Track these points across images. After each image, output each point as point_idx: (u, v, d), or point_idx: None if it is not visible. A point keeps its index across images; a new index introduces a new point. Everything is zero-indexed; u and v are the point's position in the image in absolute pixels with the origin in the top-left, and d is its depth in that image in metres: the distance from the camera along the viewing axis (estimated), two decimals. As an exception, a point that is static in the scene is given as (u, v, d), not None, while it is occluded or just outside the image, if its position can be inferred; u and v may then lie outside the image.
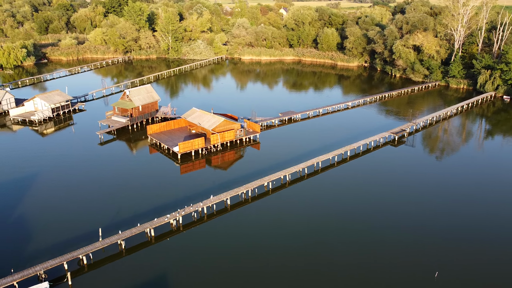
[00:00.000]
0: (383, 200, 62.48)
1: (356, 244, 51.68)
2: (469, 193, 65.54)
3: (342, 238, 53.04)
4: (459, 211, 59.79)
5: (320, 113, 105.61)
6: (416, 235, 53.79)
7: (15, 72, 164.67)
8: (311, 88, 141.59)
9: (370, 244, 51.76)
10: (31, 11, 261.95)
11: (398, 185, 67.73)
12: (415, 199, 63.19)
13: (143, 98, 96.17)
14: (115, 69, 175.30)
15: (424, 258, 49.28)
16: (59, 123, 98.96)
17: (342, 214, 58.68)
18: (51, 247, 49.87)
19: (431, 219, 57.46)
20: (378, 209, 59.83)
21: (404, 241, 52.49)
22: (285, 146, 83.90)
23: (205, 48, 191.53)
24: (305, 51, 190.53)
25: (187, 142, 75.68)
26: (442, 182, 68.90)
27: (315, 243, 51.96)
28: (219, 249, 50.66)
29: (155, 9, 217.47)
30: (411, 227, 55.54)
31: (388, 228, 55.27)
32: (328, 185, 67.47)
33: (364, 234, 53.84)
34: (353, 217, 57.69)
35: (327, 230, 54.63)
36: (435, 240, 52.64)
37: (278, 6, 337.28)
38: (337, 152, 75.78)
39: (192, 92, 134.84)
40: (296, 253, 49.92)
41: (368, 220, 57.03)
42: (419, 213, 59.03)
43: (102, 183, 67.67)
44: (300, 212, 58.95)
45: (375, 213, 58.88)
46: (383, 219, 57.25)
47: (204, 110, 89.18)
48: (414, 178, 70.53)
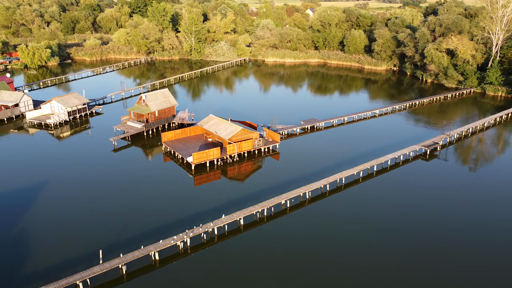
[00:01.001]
0: (412, 221, 56.34)
1: (383, 271, 45.98)
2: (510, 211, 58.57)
3: (367, 263, 47.41)
4: (499, 234, 53.07)
5: (345, 121, 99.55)
6: (458, 258, 47.61)
7: (39, 72, 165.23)
8: (336, 92, 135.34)
9: (401, 270, 45.96)
10: (59, 11, 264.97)
11: (430, 205, 61.27)
12: (449, 220, 56.73)
13: (160, 103, 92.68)
14: (138, 70, 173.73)
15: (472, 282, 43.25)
16: (75, 127, 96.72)
17: (368, 236, 52.99)
18: (46, 270, 46.13)
19: (470, 244, 51.04)
20: (407, 231, 53.79)
21: (445, 268, 46.41)
22: (306, 158, 78.53)
23: (228, 50, 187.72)
24: (331, 54, 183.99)
25: (202, 153, 71.41)
26: (479, 202, 62.07)
27: (337, 268, 46.57)
28: (229, 274, 46.00)
29: (179, 10, 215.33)
30: (447, 252, 49.32)
31: (421, 253, 49.24)
32: (352, 204, 61.74)
33: (392, 259, 48.04)
34: (380, 241, 51.89)
35: (350, 254, 49.11)
36: (483, 264, 46.36)
37: (305, 7, 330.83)
38: (362, 167, 69.85)
39: (213, 95, 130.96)
40: (315, 280, 44.67)
41: (396, 242, 51.14)
42: (454, 235, 52.66)
43: (109, 194, 64.18)
44: (320, 234, 53.62)
45: (404, 235, 52.91)
46: (412, 242, 51.22)
47: (222, 117, 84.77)
48: (447, 196, 63.91)
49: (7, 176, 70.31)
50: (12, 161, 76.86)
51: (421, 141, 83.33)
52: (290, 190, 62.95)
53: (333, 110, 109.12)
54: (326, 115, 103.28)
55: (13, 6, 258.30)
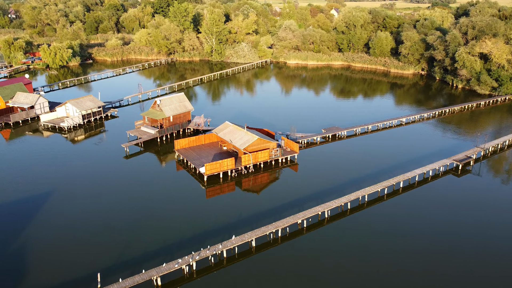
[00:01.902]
0: (443, 245, 50.75)
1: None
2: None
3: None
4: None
5: (368, 129, 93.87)
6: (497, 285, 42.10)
7: (60, 73, 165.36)
8: (360, 97, 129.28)
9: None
10: (83, 11, 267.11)
11: (462, 226, 55.45)
12: (485, 243, 50.86)
13: (175, 107, 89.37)
14: (158, 71, 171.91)
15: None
16: (89, 130, 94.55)
17: (392, 261, 47.79)
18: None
19: (509, 267, 45.26)
20: (436, 256, 48.30)
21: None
22: (326, 170, 73.53)
23: (249, 51, 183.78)
24: (355, 56, 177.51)
25: (215, 163, 67.46)
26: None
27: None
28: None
29: (200, 10, 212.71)
30: (485, 276, 43.81)
31: (454, 280, 43.89)
32: (375, 224, 56.54)
33: (420, 285, 42.89)
34: (405, 265, 46.63)
35: (372, 281, 44.23)
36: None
37: (329, 7, 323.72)
38: (387, 183, 64.39)
39: (231, 99, 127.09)
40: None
41: (424, 267, 45.78)
42: (491, 258, 46.89)
43: (115, 206, 60.95)
44: (339, 258, 48.78)
45: (433, 259, 47.45)
46: (443, 267, 45.76)
47: (238, 125, 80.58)
48: (482, 216, 57.86)
49: (14, 181, 68.15)
50: (22, 165, 74.84)
51: (452, 154, 77.13)
52: (307, 207, 58.30)
53: (356, 117, 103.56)
54: (348, 123, 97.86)
55: (39, 6, 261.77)
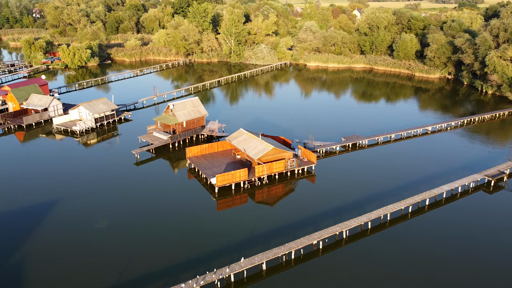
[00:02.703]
0: (473, 270, 45.76)
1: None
2: None
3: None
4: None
5: (391, 138, 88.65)
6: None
7: (78, 73, 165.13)
8: (383, 101, 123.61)
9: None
10: (104, 11, 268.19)
11: (495, 248, 50.21)
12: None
13: (188, 112, 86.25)
14: (176, 72, 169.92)
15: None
16: (102, 134, 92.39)
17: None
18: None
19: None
20: (467, 282, 43.53)
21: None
22: (345, 183, 68.97)
23: (269, 53, 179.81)
24: (378, 59, 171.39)
25: (227, 174, 63.81)
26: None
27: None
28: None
29: (220, 10, 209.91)
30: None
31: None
32: (398, 246, 51.85)
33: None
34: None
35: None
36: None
37: (352, 7, 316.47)
38: (411, 200, 59.46)
39: (248, 102, 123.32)
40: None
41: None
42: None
43: (121, 218, 57.97)
44: (357, 284, 44.53)
45: (462, 285, 42.74)
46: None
47: (253, 132, 76.80)
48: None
49: (19, 187, 66.16)
50: (30, 169, 72.92)
51: (483, 168, 71.51)
52: (323, 226, 54.07)
53: (378, 124, 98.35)
54: (370, 130, 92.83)
55: (61, 6, 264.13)
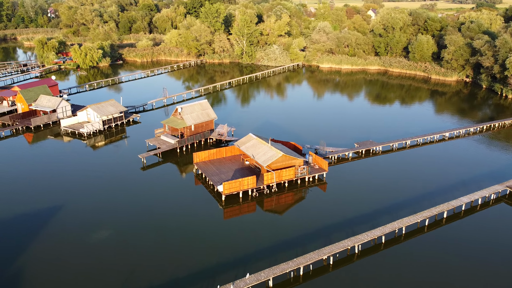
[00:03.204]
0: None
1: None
2: None
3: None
4: None
5: (407, 145, 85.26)
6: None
7: (89, 73, 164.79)
8: (397, 105, 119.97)
9: None
10: (117, 11, 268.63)
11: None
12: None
13: (197, 116, 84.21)
14: (187, 73, 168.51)
15: None
16: (110, 136, 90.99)
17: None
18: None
19: None
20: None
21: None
22: (357, 192, 66.04)
23: (281, 54, 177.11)
24: (393, 61, 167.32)
25: (234, 182, 61.48)
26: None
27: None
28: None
29: (232, 11, 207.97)
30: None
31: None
32: (414, 262, 48.82)
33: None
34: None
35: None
36: None
37: (366, 8, 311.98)
38: (428, 213, 56.29)
39: (259, 104, 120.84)
40: None
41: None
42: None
43: (124, 225, 56.07)
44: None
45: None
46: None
47: (262, 137, 74.34)
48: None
49: (24, 189, 64.83)
50: (34, 172, 71.68)
51: (504, 178, 67.86)
52: (335, 239, 51.40)
53: (393, 129, 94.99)
54: (384, 136, 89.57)
55: (75, 6, 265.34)
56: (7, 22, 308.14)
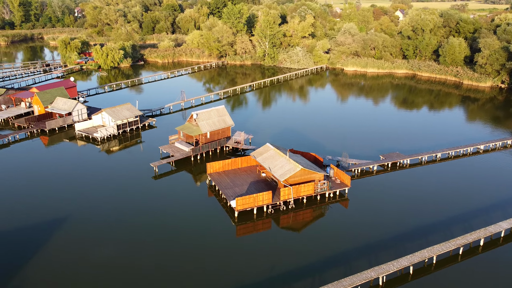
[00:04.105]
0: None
1: None
2: None
3: None
4: None
5: (437, 158, 78.99)
6: None
7: (110, 74, 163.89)
8: (426, 111, 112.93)
9: None
10: (141, 11, 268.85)
11: None
12: None
13: (213, 123, 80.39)
14: (208, 74, 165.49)
15: None
16: (124, 141, 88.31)
17: None
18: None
19: None
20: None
21: None
22: (382, 211, 60.67)
23: (304, 56, 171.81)
24: (422, 64, 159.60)
25: (248, 198, 57.22)
26: None
27: None
28: None
29: (255, 11, 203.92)
30: None
31: None
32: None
33: None
34: None
35: None
36: None
37: (394, 8, 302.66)
38: (462, 240, 50.50)
39: (279, 110, 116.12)
40: None
41: None
42: None
43: (130, 239, 52.61)
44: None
45: None
46: None
47: (281, 148, 69.77)
48: None
49: (30, 195, 62.43)
50: (43, 178, 69.34)
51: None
52: (356, 268, 46.43)
53: (422, 139, 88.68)
54: (412, 147, 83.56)
55: (100, 6, 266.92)
56: (35, 21, 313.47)
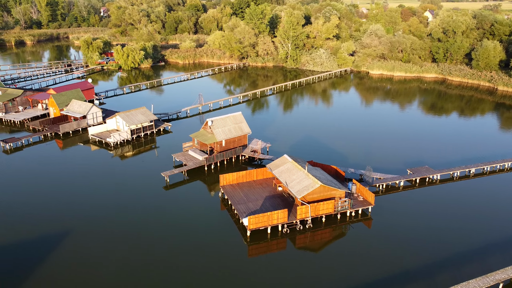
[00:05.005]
0: None
1: None
2: None
3: None
4: None
5: (471, 173, 72.55)
6: None
7: (131, 75, 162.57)
8: (457, 119, 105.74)
9: None
10: (164, 11, 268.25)
11: None
12: None
13: (228, 130, 76.38)
14: (229, 76, 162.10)
15: None
16: (137, 147, 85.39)
17: None
18: None
19: None
20: None
21: None
22: (409, 233, 55.17)
23: (328, 59, 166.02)
24: (453, 69, 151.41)
25: (262, 216, 52.82)
26: None
27: None
28: None
29: (279, 12, 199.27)
30: None
31: None
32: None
33: None
34: None
35: None
36: None
37: (423, 9, 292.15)
38: (502, 275, 44.47)
39: (300, 115, 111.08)
40: None
41: None
42: None
43: (134, 253, 49.08)
44: None
45: None
46: None
47: (299, 159, 65.07)
48: None
49: (36, 203, 59.89)
50: (49, 185, 66.88)
51: None
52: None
53: (454, 151, 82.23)
54: (442, 159, 77.38)
55: (124, 6, 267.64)
56: (61, 21, 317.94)
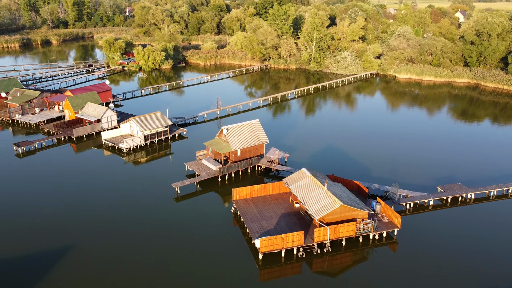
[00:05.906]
0: None
1: None
2: None
3: None
4: None
5: (509, 193, 66.02)
6: None
7: (151, 76, 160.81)
8: (492, 129, 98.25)
9: None
10: (188, 11, 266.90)
11: None
12: None
13: (245, 139, 72.22)
14: (250, 79, 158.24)
15: None
16: (151, 153, 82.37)
17: None
18: None
19: None
20: None
21: None
22: (439, 258, 49.61)
23: (353, 61, 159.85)
24: (487, 74, 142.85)
25: (275, 238, 48.36)
26: None
27: None
28: None
29: (303, 13, 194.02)
30: None
31: None
32: None
33: None
34: None
35: None
36: None
37: (454, 9, 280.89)
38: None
39: (322, 122, 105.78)
40: None
41: None
42: None
43: (138, 268, 45.49)
44: None
45: None
46: None
47: (319, 174, 60.27)
48: None
49: (40, 211, 57.31)
50: (54, 193, 64.31)
51: None
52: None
53: (489, 167, 75.59)
54: (476, 176, 71.01)
55: (148, 5, 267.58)
56: (87, 20, 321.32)
